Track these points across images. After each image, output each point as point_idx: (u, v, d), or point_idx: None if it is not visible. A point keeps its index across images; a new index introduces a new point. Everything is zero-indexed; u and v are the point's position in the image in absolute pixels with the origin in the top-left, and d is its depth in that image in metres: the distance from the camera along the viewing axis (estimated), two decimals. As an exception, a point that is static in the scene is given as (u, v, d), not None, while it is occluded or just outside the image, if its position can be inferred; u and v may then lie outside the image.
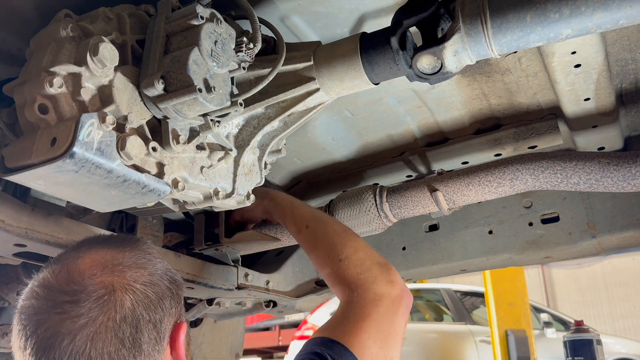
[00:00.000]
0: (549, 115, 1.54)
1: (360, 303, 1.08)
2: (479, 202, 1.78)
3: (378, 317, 1.05)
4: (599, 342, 3.96)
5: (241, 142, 1.11)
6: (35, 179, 0.87)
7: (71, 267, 0.83)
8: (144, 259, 0.89)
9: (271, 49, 1.08)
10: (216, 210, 1.23)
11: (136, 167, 0.91)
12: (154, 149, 0.92)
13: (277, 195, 1.41)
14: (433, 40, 0.95)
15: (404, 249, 1.97)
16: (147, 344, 0.80)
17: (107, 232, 1.24)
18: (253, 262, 1.95)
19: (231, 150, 1.07)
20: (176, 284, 0.92)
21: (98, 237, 0.95)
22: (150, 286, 0.85)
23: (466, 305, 6.75)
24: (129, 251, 0.89)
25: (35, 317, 0.79)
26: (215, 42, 0.93)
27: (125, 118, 0.89)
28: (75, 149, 0.81)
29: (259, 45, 1.00)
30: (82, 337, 0.76)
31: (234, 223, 1.51)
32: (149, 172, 0.93)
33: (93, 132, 0.84)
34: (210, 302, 1.71)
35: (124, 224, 1.43)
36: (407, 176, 1.76)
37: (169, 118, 0.95)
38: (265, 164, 1.20)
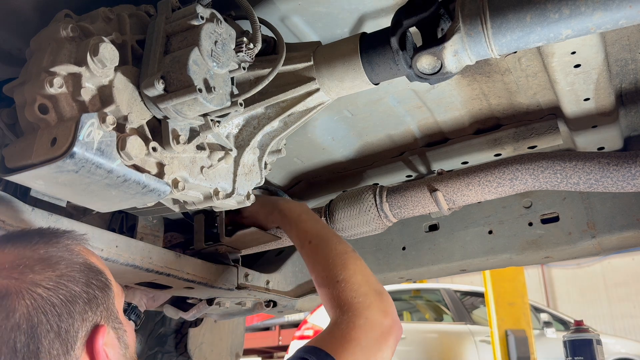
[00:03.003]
0: (548, 116, 1.54)
1: (349, 326, 1.05)
2: (478, 202, 1.78)
3: (365, 343, 1.03)
4: (598, 342, 3.96)
5: (241, 142, 1.11)
6: (36, 179, 0.87)
7: None
8: (57, 257, 0.81)
9: (271, 49, 1.08)
10: (216, 210, 1.23)
11: (136, 167, 0.91)
12: (154, 149, 0.92)
13: (286, 207, 1.38)
14: (433, 41, 0.95)
15: (403, 249, 1.97)
16: (48, 354, 0.73)
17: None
18: (253, 262, 1.95)
19: (231, 150, 1.07)
20: (97, 285, 0.83)
21: (12, 234, 0.87)
22: (56, 289, 0.76)
23: (466, 305, 6.75)
24: (41, 248, 0.81)
25: None
26: (216, 42, 0.93)
27: (126, 118, 0.89)
28: (75, 149, 0.81)
29: (259, 46, 1.00)
30: None
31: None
32: (149, 172, 0.93)
33: (93, 132, 0.84)
34: (210, 302, 1.71)
35: (124, 224, 1.43)
36: (407, 176, 1.76)
37: (169, 118, 0.95)
38: (265, 164, 1.20)
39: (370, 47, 1.02)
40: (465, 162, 1.66)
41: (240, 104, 0.98)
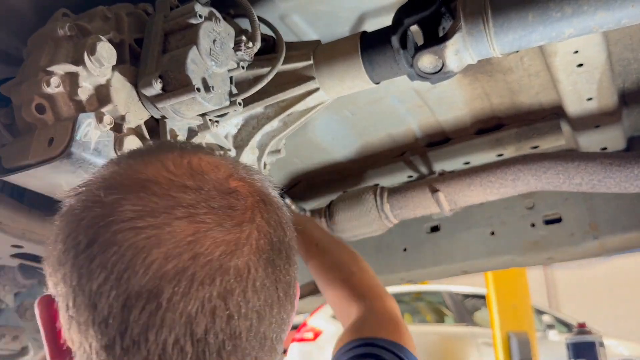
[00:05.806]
0: (551, 115, 1.53)
1: (386, 308, 1.04)
2: (480, 203, 1.77)
3: (403, 322, 1.04)
4: (601, 344, 3.94)
5: (240, 142, 1.10)
6: (33, 180, 0.86)
7: None
8: None
9: (271, 48, 1.07)
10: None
11: (134, 168, 0.90)
12: (152, 149, 0.91)
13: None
14: (434, 39, 0.94)
15: (404, 250, 1.96)
16: None
17: None
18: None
19: (230, 150, 1.07)
20: None
21: None
22: None
23: (467, 307, 6.72)
24: None
25: None
26: (214, 41, 0.93)
27: (123, 118, 0.89)
28: (72, 149, 0.80)
29: (258, 44, 0.99)
30: None
31: None
32: (146, 173, 0.92)
33: (90, 132, 0.83)
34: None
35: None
36: (408, 176, 1.75)
37: (167, 118, 0.94)
38: (265, 164, 1.19)
39: (370, 46, 1.01)
40: (467, 163, 1.65)
41: (239, 104, 0.97)
